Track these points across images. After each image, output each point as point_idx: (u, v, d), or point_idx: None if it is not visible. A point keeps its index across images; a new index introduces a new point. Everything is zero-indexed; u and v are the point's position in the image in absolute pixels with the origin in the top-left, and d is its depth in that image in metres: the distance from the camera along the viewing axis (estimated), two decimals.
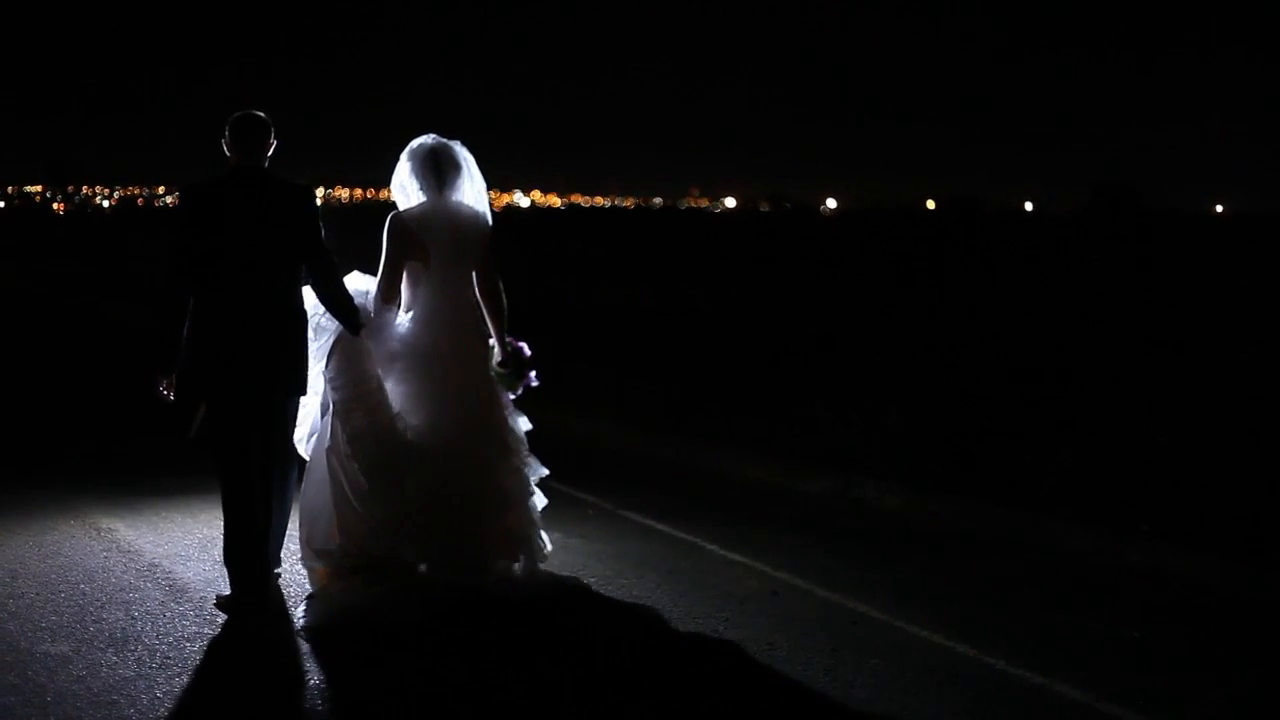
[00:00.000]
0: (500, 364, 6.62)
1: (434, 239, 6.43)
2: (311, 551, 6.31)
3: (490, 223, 6.59)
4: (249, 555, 6.04)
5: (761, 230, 56.33)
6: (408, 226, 6.44)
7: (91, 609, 6.12)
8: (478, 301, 6.58)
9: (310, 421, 6.47)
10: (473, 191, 6.59)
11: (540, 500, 6.68)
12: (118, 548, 7.11)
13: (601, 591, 6.56)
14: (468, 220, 6.52)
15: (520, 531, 6.48)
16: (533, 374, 6.68)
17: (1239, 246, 37.87)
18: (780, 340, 15.30)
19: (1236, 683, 5.59)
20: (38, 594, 6.32)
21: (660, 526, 7.85)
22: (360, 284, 6.51)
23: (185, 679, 5.33)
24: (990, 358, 14.36)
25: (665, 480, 9.24)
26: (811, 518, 8.25)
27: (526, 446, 6.64)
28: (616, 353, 14.77)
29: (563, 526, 7.68)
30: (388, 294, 6.45)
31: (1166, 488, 8.52)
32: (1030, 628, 6.19)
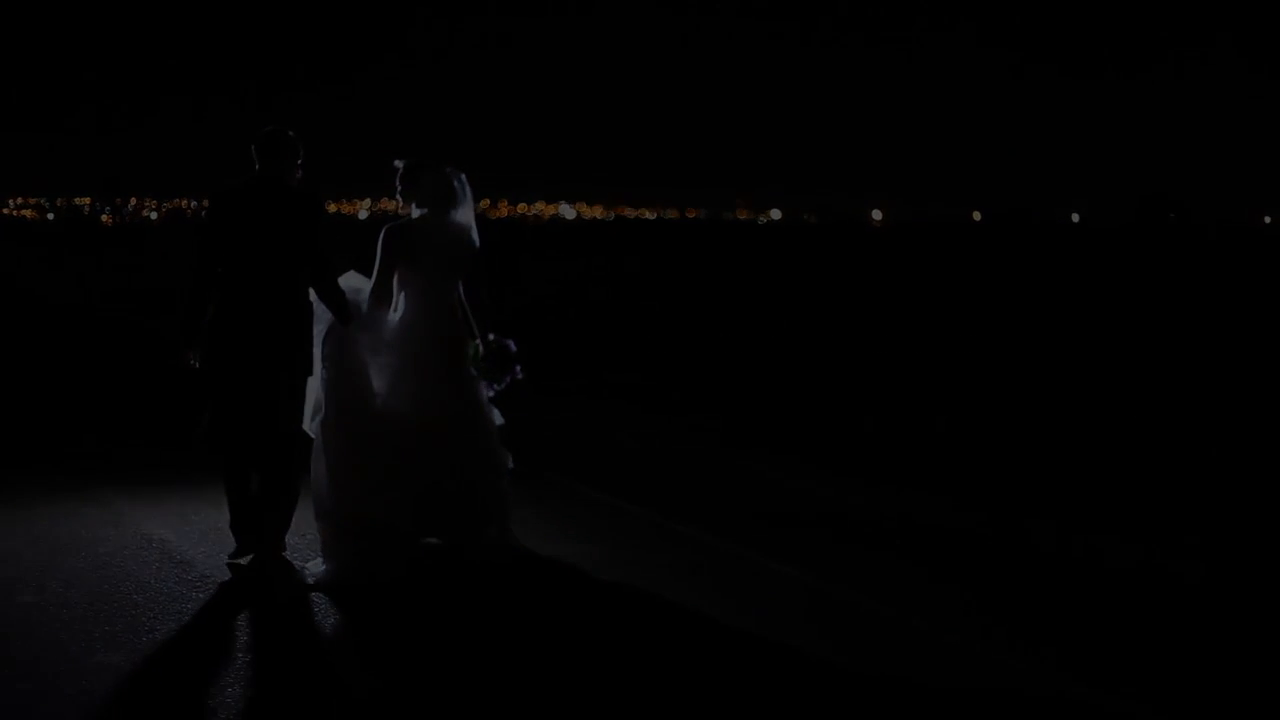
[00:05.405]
0: (483, 358, 7.28)
1: (427, 251, 7.18)
2: (316, 514, 6.99)
3: (477, 242, 7.34)
4: (248, 523, 7.01)
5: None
6: (404, 238, 7.19)
7: (144, 620, 6.16)
8: (462, 305, 7.33)
9: (314, 400, 7.12)
10: (465, 215, 7.34)
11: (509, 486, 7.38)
12: (170, 559, 7.15)
13: (648, 603, 6.55)
14: (459, 238, 7.29)
15: (493, 503, 7.23)
16: (518, 368, 7.32)
17: None
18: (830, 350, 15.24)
19: None
20: (90, 604, 6.36)
21: (709, 538, 7.81)
22: (354, 281, 7.26)
23: (237, 689, 5.35)
24: (1042, 368, 14.27)
25: (715, 492, 9.19)
26: (863, 529, 8.19)
27: (497, 434, 7.34)
28: (664, 364, 14.76)
29: (610, 539, 7.66)
30: (381, 295, 7.20)
31: (1219, 500, 8.43)
32: (1088, 643, 6.11)
